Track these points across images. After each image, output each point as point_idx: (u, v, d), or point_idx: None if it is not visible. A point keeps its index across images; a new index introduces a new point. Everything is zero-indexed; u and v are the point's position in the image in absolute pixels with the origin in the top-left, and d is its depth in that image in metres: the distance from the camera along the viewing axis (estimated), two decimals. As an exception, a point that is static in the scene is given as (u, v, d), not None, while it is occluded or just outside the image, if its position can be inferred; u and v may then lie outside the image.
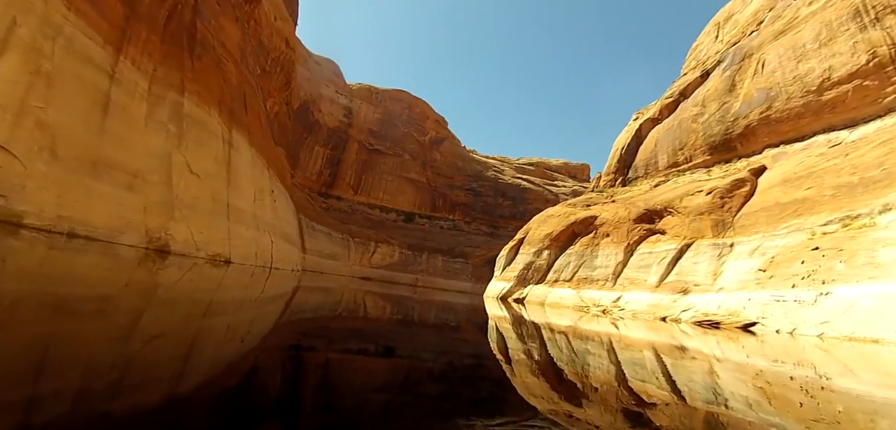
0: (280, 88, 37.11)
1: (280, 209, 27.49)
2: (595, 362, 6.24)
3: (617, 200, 36.60)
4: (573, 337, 9.50)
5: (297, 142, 64.79)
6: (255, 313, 7.31)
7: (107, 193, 12.63)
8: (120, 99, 13.42)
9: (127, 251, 12.89)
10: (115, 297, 5.99)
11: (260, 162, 23.12)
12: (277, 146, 32.29)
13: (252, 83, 24.31)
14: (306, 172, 69.29)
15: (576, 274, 32.18)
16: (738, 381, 5.83)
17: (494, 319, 13.33)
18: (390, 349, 5.57)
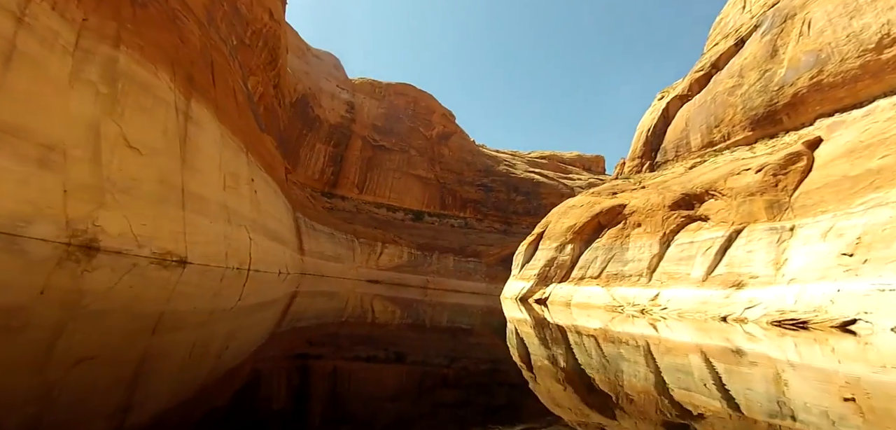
0: (264, 65, 34.12)
1: (265, 203, 24.47)
2: (630, 368, 5.55)
3: (647, 185, 33.04)
4: (604, 341, 8.52)
5: (297, 138, 62.22)
6: (233, 326, 5.99)
7: (5, 170, 9.63)
8: (31, 49, 10.50)
9: (39, 247, 10.07)
10: (24, 308, 4.62)
11: (234, 145, 20.01)
12: (265, 134, 29.25)
13: (224, 53, 21.27)
14: (307, 170, 66.99)
15: (604, 270, 28.75)
16: (822, 393, 4.94)
17: (513, 322, 12.23)
18: (402, 356, 5.21)
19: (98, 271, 9.37)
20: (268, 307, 8.92)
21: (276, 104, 36.54)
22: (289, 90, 54.26)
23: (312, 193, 62.59)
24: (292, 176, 56.90)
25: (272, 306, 9.12)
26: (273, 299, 10.90)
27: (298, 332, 6.37)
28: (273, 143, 31.28)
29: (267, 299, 10.67)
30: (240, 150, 20.58)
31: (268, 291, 13.01)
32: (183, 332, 4.79)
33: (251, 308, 8.40)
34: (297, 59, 63.82)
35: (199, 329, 5.19)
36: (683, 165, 34.63)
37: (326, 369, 4.01)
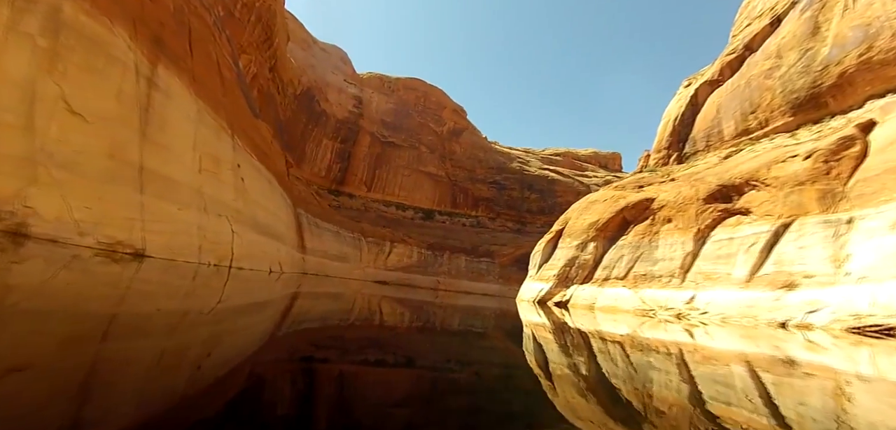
0: (258, 44, 32.16)
1: (256, 193, 22.56)
2: (660, 378, 4.96)
3: (677, 178, 30.61)
4: (631, 348, 7.94)
5: (302, 133, 60.73)
6: (216, 331, 4.98)
7: None
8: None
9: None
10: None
11: (216, 124, 17.95)
12: (260, 120, 27.29)
13: (206, 20, 19.23)
14: (313, 167, 65.76)
15: (631, 270, 26.45)
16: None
17: (530, 326, 11.51)
18: (411, 360, 4.96)
19: (28, 262, 8.01)
20: (257, 311, 7.88)
21: (274, 90, 34.55)
22: (292, 81, 52.63)
23: (318, 191, 61.12)
24: (297, 172, 55.52)
25: (263, 310, 8.07)
26: (265, 300, 9.70)
27: (303, 335, 5.85)
28: (269, 131, 29.37)
29: (257, 300, 9.45)
30: (223, 131, 18.59)
31: (257, 292, 11.42)
32: (140, 341, 3.88)
33: (235, 311, 7.26)
34: (302, 51, 62.37)
35: (169, 336, 4.30)
36: (717, 155, 32.08)
37: (332, 372, 3.76)
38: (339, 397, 3.16)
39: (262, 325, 6.23)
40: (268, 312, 7.84)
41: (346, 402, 3.06)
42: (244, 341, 4.76)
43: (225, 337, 4.73)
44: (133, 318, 5.06)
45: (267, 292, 12.30)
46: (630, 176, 36.45)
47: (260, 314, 7.25)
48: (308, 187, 53.72)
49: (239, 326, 5.84)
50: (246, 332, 5.43)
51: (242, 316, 6.87)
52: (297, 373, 3.62)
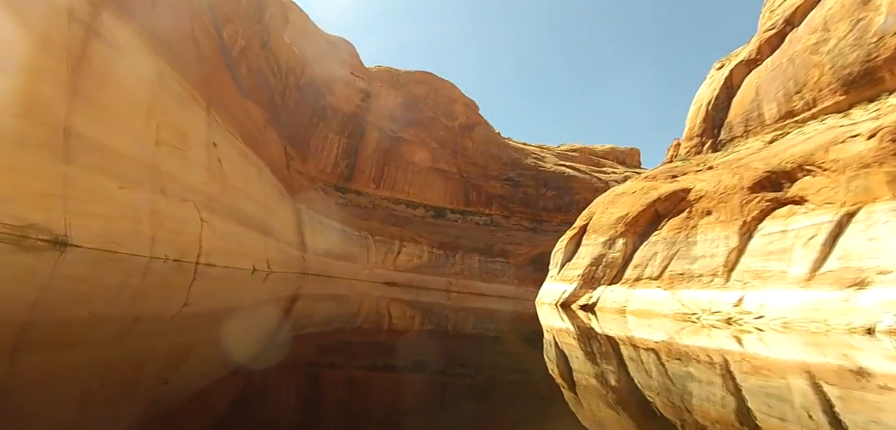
0: (246, 14, 30.02)
1: (238, 179, 20.49)
2: (701, 391, 4.52)
3: (716, 166, 28.02)
4: (667, 357, 7.02)
5: (306, 127, 59.08)
6: (175, 345, 3.99)
7: None
8: None
9: None
10: None
11: (184, 92, 15.61)
12: (248, 100, 25.19)
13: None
14: (319, 162, 64.06)
15: (666, 269, 24.00)
16: None
17: (552, 332, 10.73)
18: (422, 364, 4.79)
19: None
20: (239, 316, 6.54)
21: (269, 71, 32.49)
22: (293, 68, 50.89)
23: (324, 188, 59.41)
24: (301, 167, 53.84)
25: (243, 316, 6.67)
26: (250, 304, 8.40)
27: (309, 339, 5.29)
28: (262, 115, 27.32)
29: (238, 304, 8.13)
30: (195, 102, 16.50)
31: (235, 294, 9.73)
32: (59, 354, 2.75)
33: (207, 318, 5.98)
34: (306, 42, 60.79)
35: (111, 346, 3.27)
36: (760, 140, 29.36)
37: (340, 377, 3.55)
38: (348, 402, 2.95)
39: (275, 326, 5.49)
40: (277, 316, 6.61)
41: (356, 408, 2.84)
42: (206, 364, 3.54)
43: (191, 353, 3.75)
44: (57, 327, 3.75)
45: (245, 295, 10.31)
46: (659, 166, 33.83)
47: (250, 322, 5.86)
48: (312, 183, 51.87)
49: (218, 342, 4.51)
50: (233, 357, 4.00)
51: (216, 323, 5.55)
52: (302, 378, 3.34)
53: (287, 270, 28.46)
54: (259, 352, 4.34)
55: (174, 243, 13.79)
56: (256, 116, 26.19)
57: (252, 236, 22.12)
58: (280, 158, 32.74)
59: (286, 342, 5.18)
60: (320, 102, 62.83)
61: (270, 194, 26.99)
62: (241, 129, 22.48)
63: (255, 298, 9.87)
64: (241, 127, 22.62)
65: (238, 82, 23.84)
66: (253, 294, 10.68)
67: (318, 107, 62.17)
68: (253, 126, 24.95)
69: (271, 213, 26.47)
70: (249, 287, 12.27)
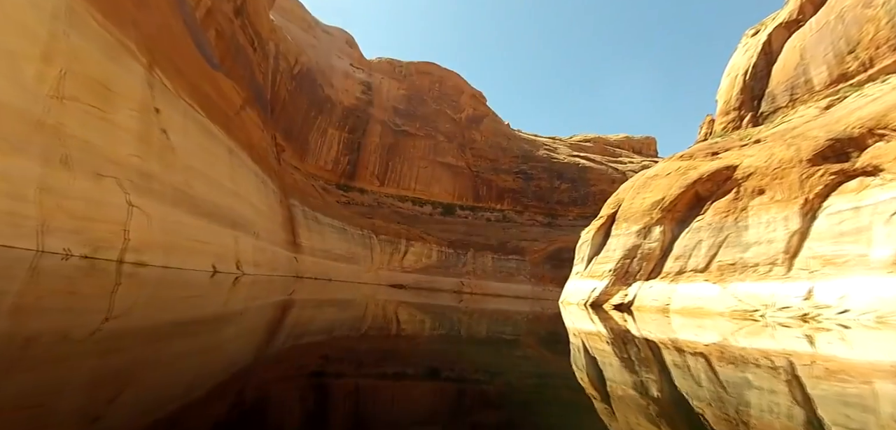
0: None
1: (195, 159, 17.39)
2: (763, 400, 3.94)
3: (764, 139, 25.01)
4: (720, 362, 6.26)
5: (303, 121, 56.71)
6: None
7: None
8: None
9: None
10: None
11: (107, 37, 12.45)
12: (217, 71, 22.30)
13: None
14: (318, 159, 61.68)
15: (714, 259, 21.18)
16: None
17: (579, 335, 9.31)
18: (435, 371, 4.41)
19: None
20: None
21: (246, 43, 29.74)
22: (285, 54, 48.36)
23: (325, 186, 57.24)
24: (298, 164, 52.01)
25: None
26: (210, 315, 6.49)
27: (309, 348, 4.75)
28: (238, 92, 24.51)
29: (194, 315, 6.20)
30: (126, 53, 13.53)
31: (187, 303, 7.33)
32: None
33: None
34: (302, 31, 58.58)
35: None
36: (814, 107, 26.27)
37: (348, 387, 3.30)
38: (356, 412, 2.80)
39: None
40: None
41: (364, 417, 2.70)
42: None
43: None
44: None
45: (205, 304, 7.79)
46: (695, 145, 30.77)
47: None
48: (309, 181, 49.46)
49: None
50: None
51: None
52: (307, 387, 3.13)
53: (272, 272, 25.76)
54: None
55: (83, 232, 10.97)
56: (230, 93, 23.42)
57: (214, 229, 18.97)
58: (265, 147, 30.00)
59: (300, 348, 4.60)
60: (318, 93, 60.48)
61: (247, 183, 24.00)
62: (206, 102, 19.55)
63: (222, 307, 7.35)
64: (207, 100, 19.68)
65: (203, 49, 20.97)
66: (220, 302, 8.12)
67: (315, 99, 59.86)
68: (225, 103, 22.16)
69: (249, 205, 23.72)
70: (210, 295, 9.61)
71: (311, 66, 58.43)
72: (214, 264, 18.30)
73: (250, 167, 25.42)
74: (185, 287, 9.91)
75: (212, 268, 18.15)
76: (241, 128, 24.46)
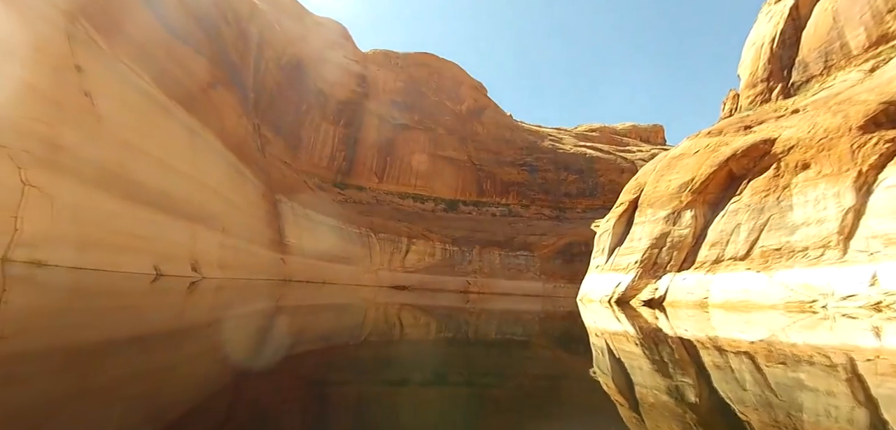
0: None
1: (131, 131, 14.53)
2: (819, 404, 3.50)
3: (803, 108, 22.88)
4: (767, 361, 5.63)
5: (295, 115, 54.82)
6: None
7: None
8: None
9: None
10: None
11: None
12: (176, 39, 19.83)
13: None
14: (313, 156, 59.50)
15: (756, 244, 19.20)
16: None
17: (603, 336, 8.47)
18: (442, 376, 4.16)
19: None
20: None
21: (219, 20, 27.47)
22: (272, 43, 45.90)
23: (322, 183, 55.31)
24: (292, 162, 49.96)
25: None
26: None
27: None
28: (208, 69, 22.05)
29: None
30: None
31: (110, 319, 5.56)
32: None
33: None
34: (290, 21, 56.62)
35: None
36: (857, 71, 24.15)
37: (350, 394, 3.14)
38: (361, 420, 2.62)
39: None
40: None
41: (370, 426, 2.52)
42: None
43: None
44: None
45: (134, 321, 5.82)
46: (723, 121, 28.63)
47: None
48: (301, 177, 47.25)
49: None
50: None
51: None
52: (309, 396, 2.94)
53: (250, 275, 23.60)
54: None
55: None
56: (196, 69, 21.09)
57: (161, 221, 16.65)
58: (243, 135, 27.71)
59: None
60: (309, 86, 58.34)
61: (216, 171, 21.62)
62: (160, 72, 17.04)
63: (142, 324, 5.41)
64: (160, 70, 17.17)
65: (160, 13, 18.67)
66: (145, 316, 6.17)
67: (306, 93, 57.81)
68: (189, 79, 19.77)
69: (216, 196, 21.34)
70: (135, 306, 7.56)
71: (302, 58, 56.35)
72: (157, 264, 15.65)
73: (221, 154, 23.05)
74: (98, 296, 7.83)
75: (153, 270, 15.49)
76: (211, 109, 22.17)
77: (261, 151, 33.20)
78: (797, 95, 27.06)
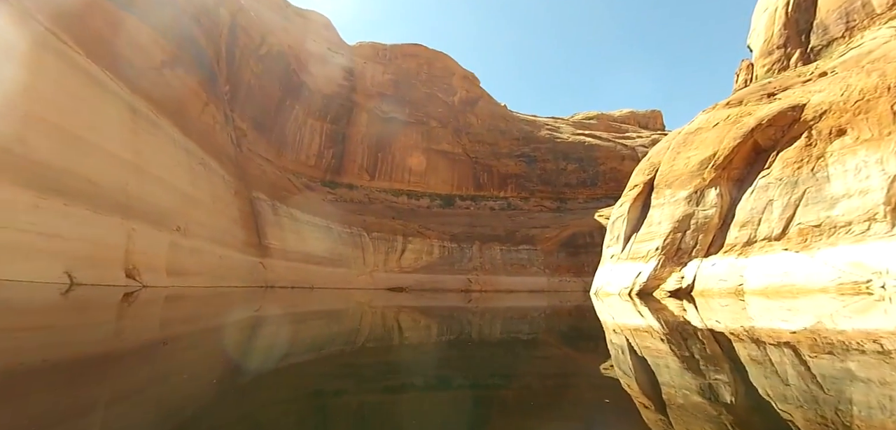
0: None
1: (47, 105, 12.80)
2: (870, 396, 3.20)
3: (832, 70, 21.32)
4: (812, 352, 5.23)
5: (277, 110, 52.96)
6: None
7: None
8: None
9: None
10: None
11: None
12: (122, 11, 17.78)
13: None
14: (299, 154, 57.68)
15: (792, 221, 17.63)
16: None
17: (624, 332, 8.01)
18: (446, 380, 4.08)
19: None
20: None
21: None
22: (248, 29, 43.88)
23: (310, 183, 53.39)
24: (276, 160, 48.54)
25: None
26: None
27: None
28: (162, 46, 19.92)
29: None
30: None
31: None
32: None
33: None
34: (269, 11, 54.54)
35: None
36: (886, 29, 22.61)
37: (351, 403, 3.05)
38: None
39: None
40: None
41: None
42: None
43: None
44: None
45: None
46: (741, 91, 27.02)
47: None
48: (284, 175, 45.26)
49: None
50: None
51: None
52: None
53: (218, 282, 21.68)
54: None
55: None
56: (142, 40, 18.84)
57: (79, 215, 13.85)
58: (211, 123, 25.59)
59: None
60: (292, 80, 56.36)
61: (168, 160, 19.62)
62: (84, 32, 14.96)
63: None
64: (85, 31, 15.09)
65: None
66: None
67: (289, 86, 55.92)
68: (132, 50, 17.58)
69: (167, 188, 19.06)
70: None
71: (283, 49, 54.23)
72: (71, 270, 13.11)
73: (179, 142, 20.92)
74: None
75: (67, 278, 12.94)
76: (163, 89, 20.41)
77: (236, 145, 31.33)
78: (820, 60, 25.57)
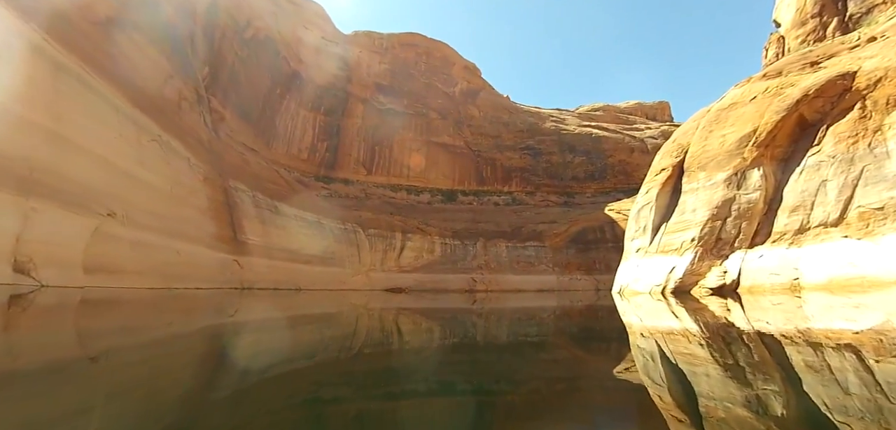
0: None
1: None
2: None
3: (882, 34, 19.35)
4: (878, 355, 4.58)
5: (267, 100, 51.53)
6: None
7: None
8: None
9: None
10: None
11: None
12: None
13: None
14: (291, 147, 55.99)
15: (851, 204, 15.75)
16: None
17: (652, 334, 7.30)
18: (450, 385, 3.79)
19: None
20: None
21: None
22: (231, 11, 42.00)
23: (303, 177, 51.84)
24: (266, 152, 46.91)
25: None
26: None
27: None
28: (110, 4, 18.15)
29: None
30: None
31: None
32: None
33: None
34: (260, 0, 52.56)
35: None
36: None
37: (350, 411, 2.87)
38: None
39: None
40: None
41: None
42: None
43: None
44: None
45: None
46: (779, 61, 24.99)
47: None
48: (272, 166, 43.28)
49: None
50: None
51: None
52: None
53: (173, 284, 19.83)
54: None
55: None
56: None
57: None
58: (175, 99, 23.47)
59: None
60: (282, 68, 54.68)
61: (105, 131, 17.45)
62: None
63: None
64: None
65: None
66: None
67: (280, 75, 54.23)
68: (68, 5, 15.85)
69: (104, 165, 17.26)
70: None
71: (272, 34, 52.53)
72: None
73: (122, 111, 18.80)
74: None
75: None
76: (108, 48, 18.50)
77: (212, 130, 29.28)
78: (861, 28, 23.59)
